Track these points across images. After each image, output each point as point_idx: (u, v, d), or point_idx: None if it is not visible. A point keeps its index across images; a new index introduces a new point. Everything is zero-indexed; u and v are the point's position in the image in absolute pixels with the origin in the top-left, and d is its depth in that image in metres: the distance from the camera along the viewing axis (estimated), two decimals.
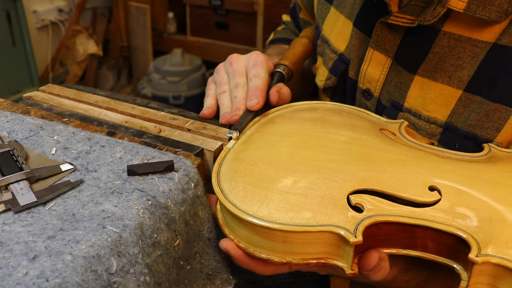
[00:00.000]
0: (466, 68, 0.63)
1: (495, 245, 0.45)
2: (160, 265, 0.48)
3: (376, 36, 0.70)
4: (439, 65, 0.65)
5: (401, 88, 0.69)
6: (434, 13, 0.62)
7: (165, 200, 0.50)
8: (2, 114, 0.65)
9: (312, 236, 0.48)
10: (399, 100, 0.70)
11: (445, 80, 0.65)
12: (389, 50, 0.70)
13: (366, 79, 0.74)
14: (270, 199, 0.50)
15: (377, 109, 0.75)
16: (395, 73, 0.70)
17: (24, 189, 0.50)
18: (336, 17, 0.81)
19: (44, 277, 0.39)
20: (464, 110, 0.64)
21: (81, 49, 2.90)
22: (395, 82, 0.70)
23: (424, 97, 0.67)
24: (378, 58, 0.71)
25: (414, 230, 0.48)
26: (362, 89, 0.75)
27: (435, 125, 0.66)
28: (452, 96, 0.64)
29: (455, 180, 0.51)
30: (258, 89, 0.67)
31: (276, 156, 0.55)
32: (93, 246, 0.43)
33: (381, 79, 0.72)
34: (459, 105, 0.64)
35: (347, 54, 0.79)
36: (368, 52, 0.72)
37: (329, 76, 0.82)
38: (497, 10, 0.58)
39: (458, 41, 0.63)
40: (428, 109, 0.67)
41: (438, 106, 0.66)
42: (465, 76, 0.63)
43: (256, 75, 0.68)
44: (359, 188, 0.50)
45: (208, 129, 0.65)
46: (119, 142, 0.59)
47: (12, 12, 2.40)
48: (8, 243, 0.43)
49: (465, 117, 0.64)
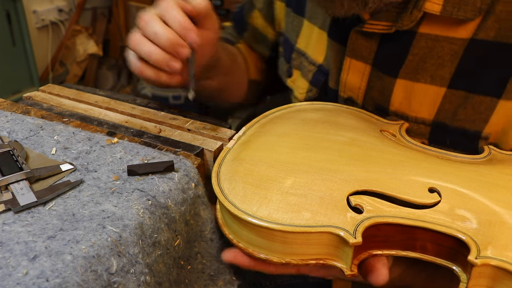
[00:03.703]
0: (447, 65, 0.63)
1: (495, 247, 0.45)
2: (160, 265, 0.48)
3: (351, 45, 0.70)
4: (420, 66, 0.65)
5: (384, 92, 0.69)
6: (411, 17, 0.62)
7: (165, 200, 0.50)
8: (2, 114, 0.65)
9: (311, 237, 0.48)
10: (383, 104, 0.70)
11: (427, 79, 0.65)
12: (366, 57, 0.69)
13: (347, 87, 0.73)
14: (270, 199, 0.50)
15: None
16: (376, 79, 0.70)
17: (24, 189, 0.50)
18: (310, 30, 0.80)
19: (44, 277, 0.40)
20: (450, 107, 0.65)
21: (81, 49, 2.90)
22: (377, 88, 0.70)
23: (409, 98, 0.67)
24: (356, 66, 0.71)
25: (414, 232, 0.48)
26: (344, 97, 0.74)
27: (423, 124, 0.67)
28: (437, 94, 0.65)
29: (455, 182, 0.51)
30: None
31: (276, 156, 0.55)
32: (93, 246, 0.43)
33: (362, 86, 0.72)
34: (445, 102, 0.65)
35: (325, 65, 0.78)
36: (346, 62, 0.71)
37: (310, 88, 0.81)
38: (471, 9, 0.59)
39: (435, 41, 0.64)
40: (414, 110, 0.67)
41: (424, 106, 0.66)
42: (447, 73, 0.64)
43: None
44: (359, 189, 0.50)
45: (208, 129, 0.65)
46: (120, 142, 0.59)
47: (12, 12, 2.40)
48: (8, 243, 0.43)
49: (452, 113, 0.65)
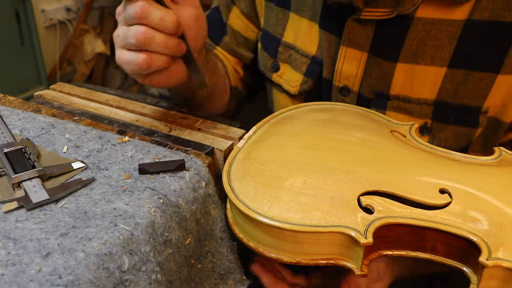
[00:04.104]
0: (446, 46, 0.66)
1: (506, 249, 0.45)
2: (171, 263, 0.48)
3: (347, 33, 0.71)
4: (419, 49, 0.67)
5: (384, 78, 0.71)
6: (414, 1, 0.65)
7: (176, 198, 0.51)
8: (14, 112, 0.65)
9: (322, 237, 0.48)
10: (383, 89, 0.71)
11: (427, 61, 0.67)
12: (363, 45, 0.71)
13: (342, 76, 0.74)
14: (281, 199, 0.50)
15: (358, 103, 0.75)
16: (374, 66, 0.71)
17: (37, 186, 0.50)
18: (298, 22, 0.80)
19: (57, 274, 0.40)
20: (451, 85, 0.67)
21: (89, 48, 2.92)
22: (375, 74, 0.71)
23: (411, 81, 0.69)
24: (352, 55, 0.72)
25: (424, 233, 0.48)
26: (339, 86, 0.75)
27: (426, 105, 0.69)
28: (438, 75, 0.67)
29: (465, 183, 0.51)
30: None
31: (287, 156, 0.55)
32: (105, 243, 0.43)
33: (359, 73, 0.73)
34: (446, 82, 0.67)
35: (319, 55, 0.78)
36: (341, 51, 0.72)
37: (304, 80, 0.81)
38: None
39: (432, 24, 0.66)
40: (416, 92, 0.69)
41: (425, 87, 0.68)
42: (446, 54, 0.66)
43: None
44: (369, 189, 0.50)
45: (218, 128, 0.65)
46: (130, 141, 0.59)
47: (20, 11, 2.42)
48: (21, 240, 0.43)
49: (453, 91, 0.67)
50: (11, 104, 0.68)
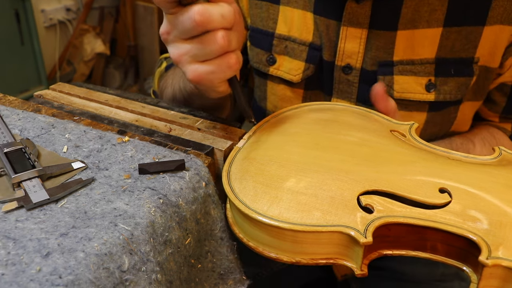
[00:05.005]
0: (439, 9, 0.74)
1: (506, 248, 0.45)
2: (171, 263, 0.48)
3: (347, 15, 0.76)
4: (415, 15, 0.75)
5: (385, 47, 0.77)
6: None
7: (176, 198, 0.51)
8: (14, 112, 0.65)
9: (322, 236, 0.48)
10: (387, 58, 0.78)
11: (424, 25, 0.75)
12: (362, 23, 0.77)
13: (345, 55, 0.79)
14: (281, 198, 0.50)
15: (360, 78, 0.80)
16: (374, 39, 0.77)
17: (37, 186, 0.50)
18: (290, 14, 0.84)
19: (57, 274, 0.40)
20: (448, 42, 0.76)
21: (89, 48, 2.92)
22: (377, 46, 0.78)
23: (412, 45, 0.76)
24: (353, 33, 0.78)
25: (424, 232, 0.48)
26: (342, 66, 0.80)
27: (428, 64, 0.77)
28: (435, 35, 0.75)
29: (465, 183, 0.51)
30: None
31: (287, 156, 0.55)
32: (105, 243, 0.43)
33: (361, 50, 0.78)
34: (443, 40, 0.75)
35: (316, 41, 0.82)
36: (342, 31, 0.78)
37: (306, 67, 0.84)
38: None
39: None
40: (418, 53, 0.76)
41: (426, 48, 0.76)
42: (440, 15, 0.74)
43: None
44: (369, 189, 0.50)
45: (218, 128, 0.65)
46: (130, 141, 0.59)
47: (20, 11, 2.42)
48: (21, 240, 0.43)
49: (450, 47, 0.76)
50: (11, 104, 0.68)
